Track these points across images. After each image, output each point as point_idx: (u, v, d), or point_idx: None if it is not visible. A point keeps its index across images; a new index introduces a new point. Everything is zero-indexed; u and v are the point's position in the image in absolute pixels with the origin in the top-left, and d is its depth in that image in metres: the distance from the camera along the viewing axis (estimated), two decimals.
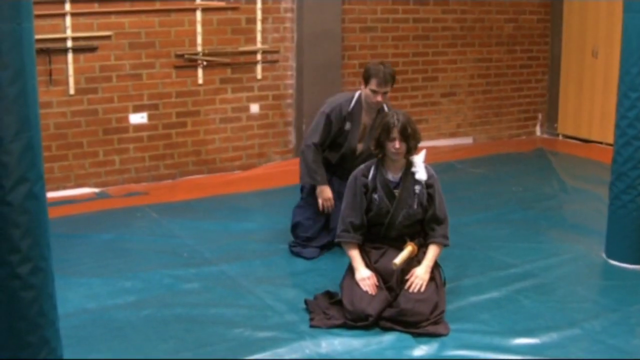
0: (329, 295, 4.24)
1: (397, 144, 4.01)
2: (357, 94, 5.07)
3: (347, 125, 5.04)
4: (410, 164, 4.17)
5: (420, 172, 4.15)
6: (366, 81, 4.87)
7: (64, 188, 6.73)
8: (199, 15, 7.08)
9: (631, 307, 4.25)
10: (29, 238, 2.65)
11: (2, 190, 2.56)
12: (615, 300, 4.37)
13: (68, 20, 6.46)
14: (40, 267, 2.71)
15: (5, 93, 2.53)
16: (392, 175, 4.18)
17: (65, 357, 2.96)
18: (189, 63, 7.15)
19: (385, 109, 4.93)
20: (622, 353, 3.71)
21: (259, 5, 7.39)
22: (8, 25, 2.50)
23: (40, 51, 6.18)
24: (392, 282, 4.07)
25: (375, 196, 4.16)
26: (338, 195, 4.97)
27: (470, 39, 8.89)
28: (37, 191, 2.68)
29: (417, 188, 4.16)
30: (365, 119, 5.06)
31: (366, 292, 4.00)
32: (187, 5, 7.03)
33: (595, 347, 3.76)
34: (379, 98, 4.85)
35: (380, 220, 4.19)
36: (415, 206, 4.15)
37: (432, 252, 4.16)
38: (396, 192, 4.15)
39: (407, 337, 3.84)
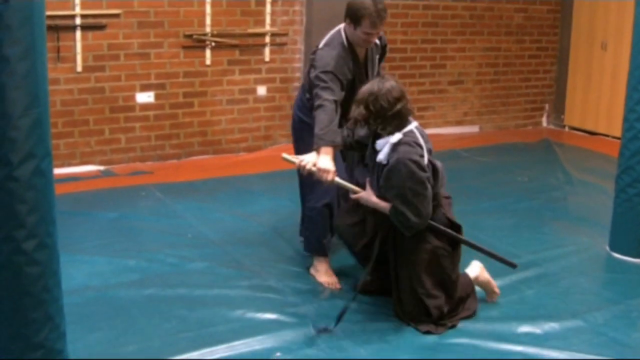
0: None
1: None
2: (343, 38, 4.24)
3: (349, 75, 4.25)
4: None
5: (381, 153, 3.78)
6: (355, 22, 4.13)
7: (69, 165, 6.74)
8: None
9: (633, 301, 4.25)
10: (35, 214, 2.65)
11: (10, 166, 2.55)
12: (618, 293, 4.37)
13: None
14: (45, 244, 2.71)
15: (15, 69, 2.51)
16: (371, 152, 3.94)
17: (67, 334, 2.97)
18: (197, 43, 7.13)
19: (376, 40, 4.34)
20: (624, 346, 3.71)
21: None
22: (19, 0, 2.49)
23: (49, 28, 6.15)
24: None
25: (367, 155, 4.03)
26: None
27: (479, 28, 8.86)
28: (44, 167, 2.67)
29: (378, 168, 3.82)
30: (361, 56, 4.35)
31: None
32: None
33: (597, 340, 3.76)
34: (373, 39, 4.21)
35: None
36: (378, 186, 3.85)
37: (383, 202, 3.81)
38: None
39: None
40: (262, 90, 7.61)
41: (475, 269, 4.15)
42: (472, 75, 9.00)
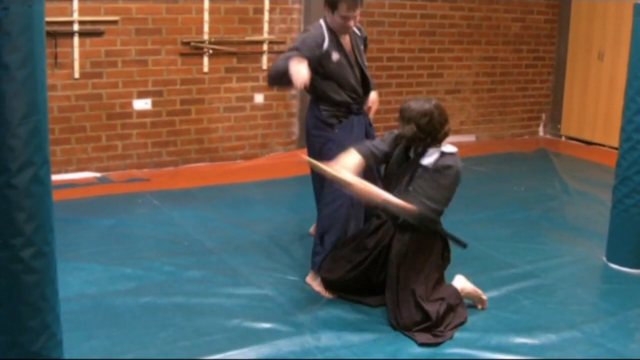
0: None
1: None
2: (323, 26, 4.47)
3: (335, 56, 4.47)
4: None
5: (427, 159, 3.97)
6: (333, 7, 4.35)
7: (66, 172, 6.73)
8: (206, 3, 7.05)
9: (630, 312, 4.25)
10: (33, 222, 2.64)
11: (8, 174, 2.54)
12: (615, 304, 4.37)
13: (75, 3, 6.44)
14: (43, 252, 2.69)
15: (14, 76, 2.50)
16: (411, 152, 4.07)
17: (63, 342, 2.95)
18: (194, 51, 7.13)
19: (357, 31, 4.63)
20: (620, 357, 3.71)
21: None
22: (19, 6, 2.48)
23: (47, 34, 6.12)
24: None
25: (392, 161, 4.12)
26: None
27: (476, 37, 8.88)
28: (42, 175, 2.66)
29: (419, 171, 3.96)
30: (346, 44, 4.55)
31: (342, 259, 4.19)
32: None
33: (594, 351, 3.76)
34: (351, 23, 4.40)
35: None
36: (411, 189, 3.94)
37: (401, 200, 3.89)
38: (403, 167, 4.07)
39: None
40: (259, 98, 7.61)
41: (459, 281, 4.21)
42: (469, 84, 9.01)
